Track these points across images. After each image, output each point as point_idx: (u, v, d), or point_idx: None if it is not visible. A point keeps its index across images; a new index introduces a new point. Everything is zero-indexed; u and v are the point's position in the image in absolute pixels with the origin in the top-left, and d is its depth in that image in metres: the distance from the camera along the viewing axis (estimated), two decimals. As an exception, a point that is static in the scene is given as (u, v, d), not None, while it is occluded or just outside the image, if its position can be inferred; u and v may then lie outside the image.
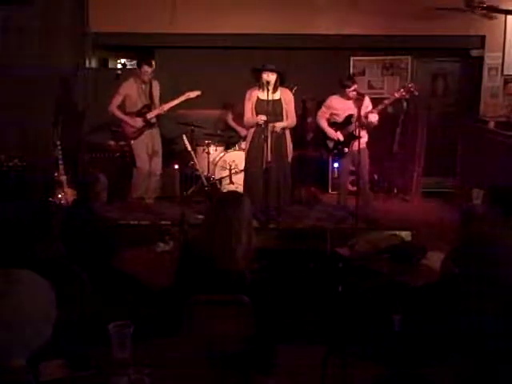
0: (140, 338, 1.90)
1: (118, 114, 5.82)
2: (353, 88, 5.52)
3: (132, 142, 5.93)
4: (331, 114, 5.74)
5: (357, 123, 5.43)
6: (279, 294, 2.62)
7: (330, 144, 5.76)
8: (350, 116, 5.57)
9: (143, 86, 5.88)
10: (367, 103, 5.59)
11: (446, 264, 2.68)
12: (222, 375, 1.98)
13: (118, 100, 5.81)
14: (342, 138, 5.65)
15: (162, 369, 1.91)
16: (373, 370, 2.22)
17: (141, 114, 5.84)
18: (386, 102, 5.60)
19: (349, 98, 5.60)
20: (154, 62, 5.97)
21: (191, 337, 2.32)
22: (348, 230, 5.22)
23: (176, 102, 5.87)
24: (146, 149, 5.92)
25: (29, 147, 6.53)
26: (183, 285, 2.56)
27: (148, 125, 5.88)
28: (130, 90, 5.83)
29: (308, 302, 3.83)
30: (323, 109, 5.79)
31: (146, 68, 5.78)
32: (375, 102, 5.77)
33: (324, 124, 5.75)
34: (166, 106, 5.87)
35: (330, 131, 5.69)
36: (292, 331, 3.01)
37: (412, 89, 5.51)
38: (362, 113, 5.40)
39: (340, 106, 5.65)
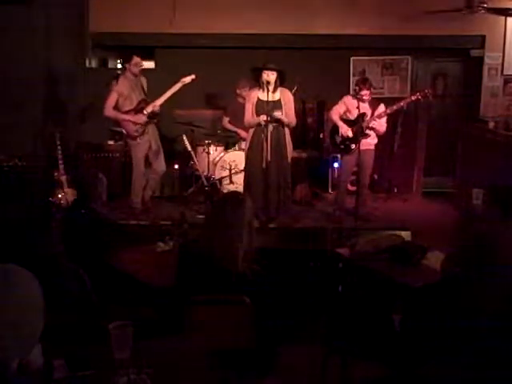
0: (140, 337, 1.89)
1: (117, 114, 5.58)
2: (364, 92, 5.51)
3: (136, 141, 5.67)
4: (345, 112, 5.74)
5: (367, 122, 5.51)
6: (279, 294, 2.62)
7: (338, 139, 5.74)
8: (363, 114, 5.56)
9: (135, 81, 5.65)
10: (381, 109, 5.60)
11: (446, 264, 2.68)
12: (222, 375, 1.98)
13: (112, 101, 5.54)
14: (350, 135, 5.63)
15: (162, 369, 1.90)
16: (373, 370, 2.23)
17: (138, 110, 5.61)
18: (402, 103, 5.60)
19: (362, 100, 5.58)
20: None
21: (191, 337, 2.32)
22: (348, 230, 5.22)
23: (173, 90, 5.64)
24: (146, 149, 5.74)
25: (29, 147, 6.53)
26: (183, 285, 2.56)
27: (146, 121, 5.65)
28: (123, 88, 5.55)
29: (308, 302, 3.83)
30: (339, 104, 5.76)
31: (136, 59, 5.54)
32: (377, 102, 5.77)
33: (336, 117, 5.73)
34: (165, 96, 5.63)
35: (342, 124, 5.67)
36: (292, 331, 3.01)
37: (428, 94, 5.55)
38: (374, 115, 5.54)
39: (354, 105, 5.62)
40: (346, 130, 5.63)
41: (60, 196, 5.81)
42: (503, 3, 6.95)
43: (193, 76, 5.69)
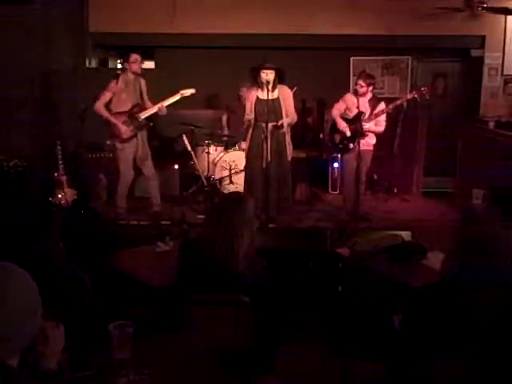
0: (140, 337, 1.89)
1: (106, 113, 5.47)
2: (360, 83, 5.50)
3: (122, 144, 5.55)
4: (345, 110, 5.73)
5: (365, 121, 5.49)
6: (279, 294, 2.62)
7: (337, 138, 5.72)
8: (361, 113, 5.55)
9: (133, 82, 5.51)
10: (381, 107, 5.59)
11: (446, 264, 2.68)
12: (222, 375, 1.98)
13: (105, 98, 5.44)
14: (348, 134, 5.62)
15: (161, 369, 1.90)
16: (373, 370, 2.23)
17: (132, 114, 5.51)
18: (398, 102, 5.61)
19: (361, 95, 5.57)
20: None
21: (191, 337, 2.32)
22: (348, 230, 5.22)
23: (170, 100, 5.57)
24: (133, 152, 5.60)
25: (29, 147, 6.53)
26: (184, 285, 2.56)
27: (139, 126, 5.54)
28: (119, 88, 5.46)
29: (308, 302, 3.83)
30: (340, 102, 5.76)
31: (134, 56, 5.41)
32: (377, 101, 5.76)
33: (336, 114, 5.73)
34: (163, 105, 5.51)
35: (341, 122, 5.66)
36: (292, 331, 3.01)
37: (424, 92, 5.55)
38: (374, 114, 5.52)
39: (354, 103, 5.62)
40: (344, 127, 5.62)
41: (60, 196, 5.81)
42: (503, 3, 6.95)
43: (193, 90, 5.64)
